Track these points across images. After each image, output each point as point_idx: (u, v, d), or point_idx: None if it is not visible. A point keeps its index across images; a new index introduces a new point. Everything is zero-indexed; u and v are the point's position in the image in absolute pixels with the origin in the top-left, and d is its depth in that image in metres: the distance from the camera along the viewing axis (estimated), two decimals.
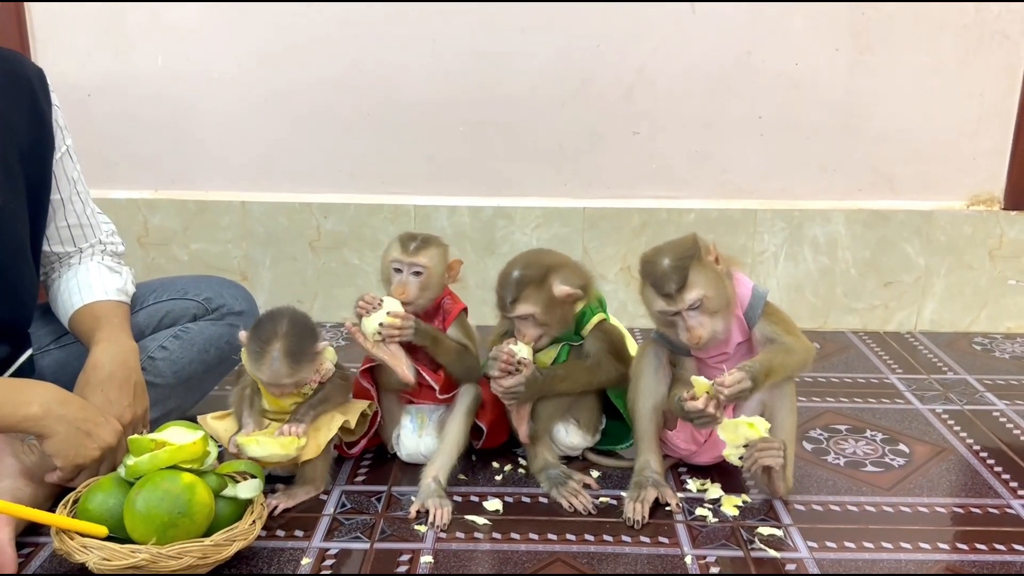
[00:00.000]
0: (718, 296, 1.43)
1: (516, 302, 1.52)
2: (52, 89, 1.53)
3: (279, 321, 1.45)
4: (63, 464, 1.36)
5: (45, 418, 1.33)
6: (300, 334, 1.45)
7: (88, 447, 1.36)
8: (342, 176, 2.37)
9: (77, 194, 1.60)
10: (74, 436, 1.35)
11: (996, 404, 1.94)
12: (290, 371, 1.43)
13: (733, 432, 1.44)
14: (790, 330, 1.49)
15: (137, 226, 2.36)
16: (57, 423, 1.34)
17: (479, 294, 1.64)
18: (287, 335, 1.43)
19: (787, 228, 2.33)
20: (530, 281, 1.51)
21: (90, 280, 1.59)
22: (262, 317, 1.49)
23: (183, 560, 1.22)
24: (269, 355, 1.42)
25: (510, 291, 1.52)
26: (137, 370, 1.50)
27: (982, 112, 2.28)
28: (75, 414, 1.36)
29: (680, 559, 1.36)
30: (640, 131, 2.32)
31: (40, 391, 1.36)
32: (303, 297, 2.41)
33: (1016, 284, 2.35)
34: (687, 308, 1.42)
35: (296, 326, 1.45)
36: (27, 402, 1.33)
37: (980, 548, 1.39)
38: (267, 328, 1.45)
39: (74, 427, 1.35)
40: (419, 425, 1.61)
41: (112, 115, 2.31)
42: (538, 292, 1.52)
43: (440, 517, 1.45)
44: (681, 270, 1.41)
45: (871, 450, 1.72)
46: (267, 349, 1.42)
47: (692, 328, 1.43)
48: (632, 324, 2.37)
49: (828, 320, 2.39)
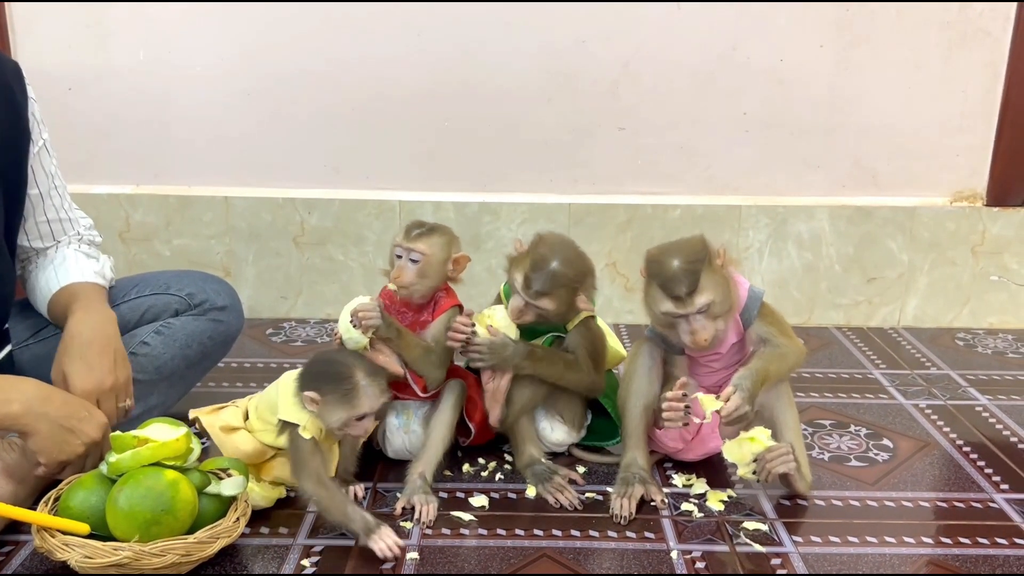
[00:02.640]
0: (725, 301, 1.43)
1: (542, 294, 1.51)
2: (28, 82, 1.51)
3: (339, 357, 1.39)
4: (47, 461, 1.35)
5: (26, 416, 1.32)
6: (362, 357, 1.42)
7: (72, 443, 1.35)
8: (326, 171, 2.36)
9: (55, 188, 1.58)
10: (57, 433, 1.34)
11: (979, 399, 1.95)
12: (382, 388, 1.39)
13: (738, 452, 1.45)
14: (784, 331, 1.49)
15: (119, 221, 2.34)
16: (39, 421, 1.32)
17: (463, 289, 1.63)
18: (356, 363, 1.37)
19: (771, 224, 2.34)
20: (563, 284, 1.52)
21: (67, 265, 1.58)
22: (316, 366, 1.39)
23: (166, 558, 1.21)
24: (359, 385, 1.35)
25: (541, 280, 1.50)
26: (116, 337, 1.48)
27: (965, 109, 2.30)
28: (57, 411, 1.34)
29: (666, 554, 1.36)
30: (625, 127, 2.32)
31: (21, 388, 1.35)
32: (287, 293, 2.40)
33: (998, 280, 2.37)
34: (695, 312, 1.41)
35: (353, 354, 1.43)
36: (7, 400, 1.32)
37: (964, 542, 1.40)
38: (335, 369, 1.36)
39: (56, 424, 1.34)
40: (405, 421, 1.61)
41: (93, 109, 2.29)
42: (566, 295, 1.53)
43: (426, 513, 1.44)
44: (693, 273, 1.40)
45: (855, 445, 1.73)
46: (353, 381, 1.34)
47: (696, 331, 1.42)
48: (618, 320, 2.38)
49: (812, 316, 2.40)
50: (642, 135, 2.32)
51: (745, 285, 1.50)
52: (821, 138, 2.32)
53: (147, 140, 2.33)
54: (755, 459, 1.45)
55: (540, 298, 1.52)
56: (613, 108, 2.30)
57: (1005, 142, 2.30)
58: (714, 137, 2.33)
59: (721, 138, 2.33)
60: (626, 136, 2.33)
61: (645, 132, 2.32)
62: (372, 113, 2.31)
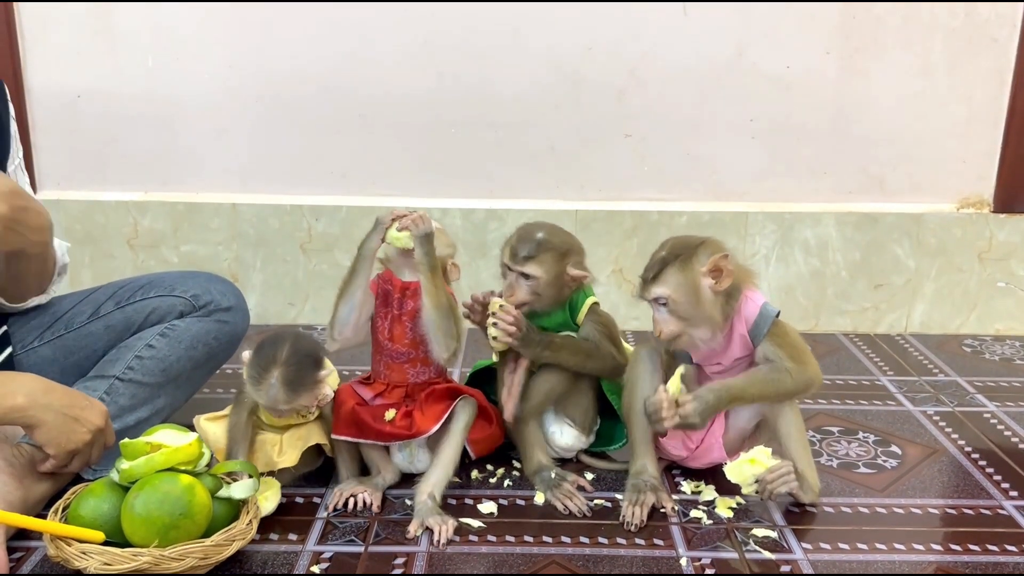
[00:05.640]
0: (688, 305, 1.43)
1: (528, 259, 1.53)
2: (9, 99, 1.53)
3: (280, 346, 1.41)
4: (56, 452, 1.36)
5: (32, 407, 1.33)
6: (301, 363, 1.40)
7: (78, 431, 1.37)
8: (333, 178, 2.37)
9: None
10: (63, 422, 1.36)
11: (987, 405, 1.95)
12: (287, 399, 1.40)
13: (740, 474, 1.45)
14: (794, 355, 1.46)
15: (127, 228, 2.35)
16: (44, 411, 1.34)
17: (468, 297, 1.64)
18: (287, 363, 1.39)
19: (778, 230, 2.34)
20: (549, 248, 1.53)
21: None
22: (265, 340, 1.43)
23: (185, 561, 1.22)
24: (267, 382, 1.39)
25: (527, 246, 1.53)
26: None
27: (971, 115, 2.30)
28: (60, 400, 1.36)
29: (675, 561, 1.36)
30: (632, 133, 2.32)
31: (22, 381, 1.36)
32: (294, 299, 2.40)
33: (1005, 286, 2.36)
34: (651, 300, 1.44)
35: (297, 353, 1.40)
36: (10, 393, 1.33)
37: (973, 549, 1.39)
38: (267, 353, 1.40)
39: (61, 413, 1.35)
40: (409, 455, 1.56)
41: (102, 117, 2.30)
42: (552, 261, 1.53)
43: (444, 534, 1.41)
44: (662, 263, 1.43)
45: (863, 451, 1.73)
46: (265, 376, 1.39)
47: (656, 321, 1.46)
48: (624, 327, 2.37)
49: (819, 322, 2.40)
50: (649, 141, 2.33)
51: (758, 302, 1.48)
52: (828, 144, 2.33)
53: (155, 147, 2.33)
54: (757, 480, 1.45)
55: (527, 263, 1.53)
56: (620, 114, 2.30)
57: (1012, 148, 2.30)
58: (720, 143, 2.33)
59: (727, 144, 2.33)
60: (633, 142, 2.33)
61: (652, 138, 2.33)
62: (379, 120, 2.31)
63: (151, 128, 2.32)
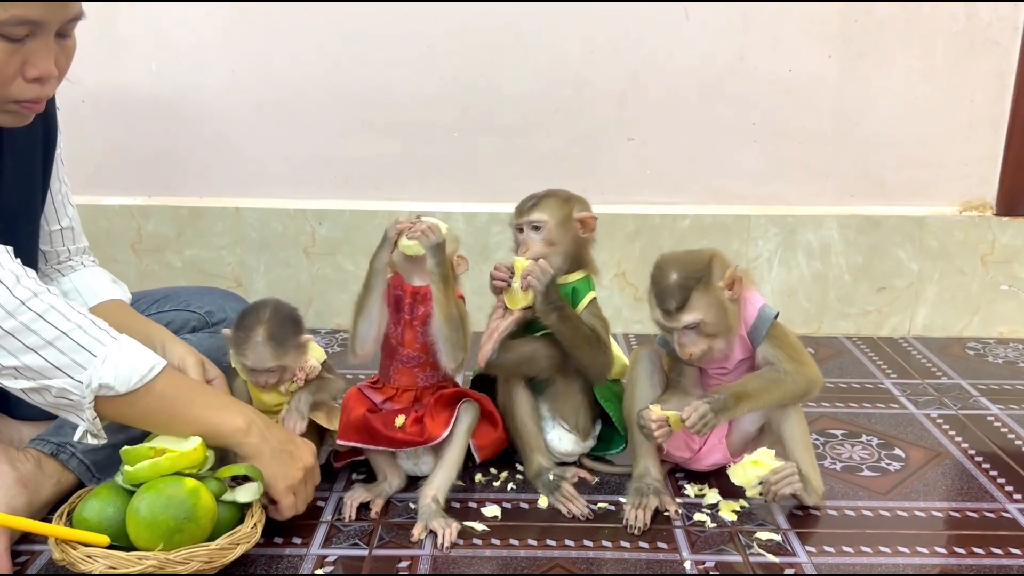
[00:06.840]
0: (717, 322, 1.43)
1: (534, 206, 1.57)
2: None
3: (262, 309, 1.49)
4: (279, 491, 1.32)
5: (251, 434, 1.31)
6: (283, 321, 1.48)
7: (294, 468, 1.35)
8: (336, 182, 2.37)
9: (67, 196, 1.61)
10: (279, 456, 1.33)
11: (990, 408, 1.95)
12: (274, 355, 1.45)
13: (743, 476, 1.45)
14: (794, 356, 1.46)
15: (131, 232, 2.35)
16: (263, 443, 1.32)
17: (475, 300, 1.64)
18: (270, 320, 1.47)
19: (780, 234, 2.34)
20: (552, 195, 1.58)
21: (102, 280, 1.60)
22: (246, 308, 1.52)
23: (190, 565, 1.22)
24: (252, 339, 1.45)
25: (531, 199, 1.58)
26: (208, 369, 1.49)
27: (973, 118, 2.30)
28: (277, 435, 1.35)
29: (679, 564, 1.36)
30: (634, 137, 2.33)
31: (239, 404, 1.36)
32: (297, 303, 2.37)
33: (1008, 289, 2.36)
34: (682, 327, 1.43)
35: (279, 314, 1.49)
36: (232, 414, 1.32)
37: (977, 552, 1.39)
38: (250, 316, 1.48)
39: (278, 448, 1.33)
40: (414, 459, 1.56)
41: (105, 121, 2.31)
42: (556, 206, 1.57)
43: (448, 537, 1.41)
44: (684, 290, 1.41)
45: (867, 455, 1.73)
46: (250, 335, 1.45)
47: (684, 345, 1.44)
48: (627, 330, 2.38)
49: (822, 325, 2.40)
50: (650, 145, 2.33)
51: (757, 304, 1.49)
52: (829, 148, 2.33)
53: (158, 151, 2.34)
54: (760, 482, 1.45)
55: (533, 211, 1.57)
56: (621, 118, 2.31)
57: (1014, 151, 2.31)
58: (722, 147, 2.33)
59: (729, 148, 2.33)
60: (634, 146, 2.33)
61: (653, 142, 2.33)
62: (381, 124, 2.32)
63: (154, 133, 2.32)
